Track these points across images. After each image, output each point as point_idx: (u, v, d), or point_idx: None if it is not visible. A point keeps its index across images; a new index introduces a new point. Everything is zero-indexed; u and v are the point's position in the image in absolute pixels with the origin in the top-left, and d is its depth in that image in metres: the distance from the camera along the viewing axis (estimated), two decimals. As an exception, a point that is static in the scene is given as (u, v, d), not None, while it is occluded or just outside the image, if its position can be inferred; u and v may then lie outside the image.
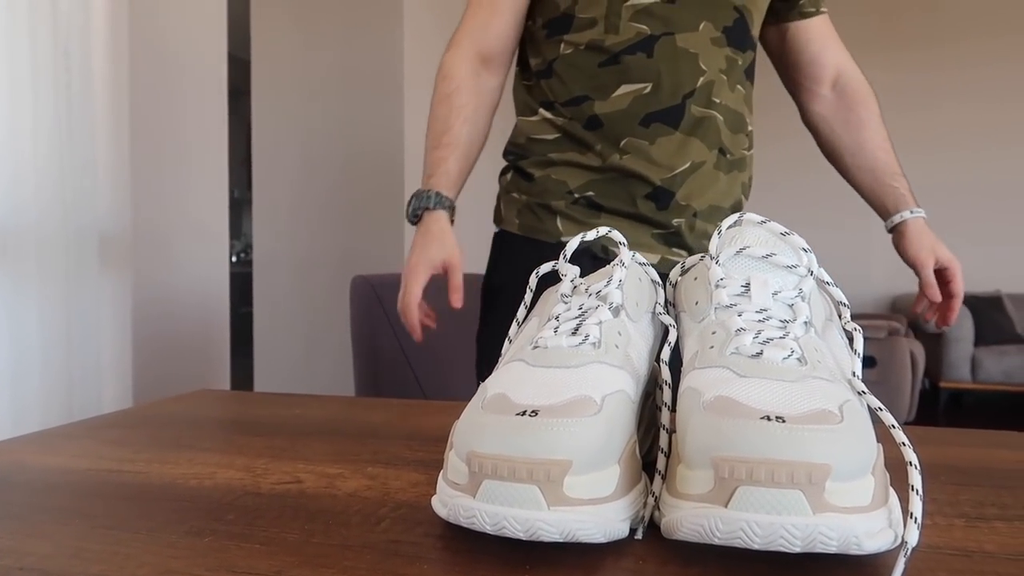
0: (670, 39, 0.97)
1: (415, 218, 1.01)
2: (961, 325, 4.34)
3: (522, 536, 0.33)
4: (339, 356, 2.80)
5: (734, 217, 0.46)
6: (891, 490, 0.36)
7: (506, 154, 1.11)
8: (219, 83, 1.98)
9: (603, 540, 0.34)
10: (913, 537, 0.33)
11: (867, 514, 0.32)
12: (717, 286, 0.43)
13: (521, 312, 0.50)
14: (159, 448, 0.55)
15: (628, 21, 0.97)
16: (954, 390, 4.39)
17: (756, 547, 0.31)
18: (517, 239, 1.07)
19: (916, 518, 0.33)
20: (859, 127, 1.15)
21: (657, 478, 0.39)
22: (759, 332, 0.40)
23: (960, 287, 1.08)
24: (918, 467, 0.35)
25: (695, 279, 0.46)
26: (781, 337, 0.40)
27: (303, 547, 0.36)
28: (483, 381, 0.54)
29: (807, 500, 0.30)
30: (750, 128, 1.09)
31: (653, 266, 0.94)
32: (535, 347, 0.42)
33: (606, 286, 0.45)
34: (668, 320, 0.46)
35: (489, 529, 0.33)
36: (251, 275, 2.99)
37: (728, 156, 1.04)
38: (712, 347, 0.40)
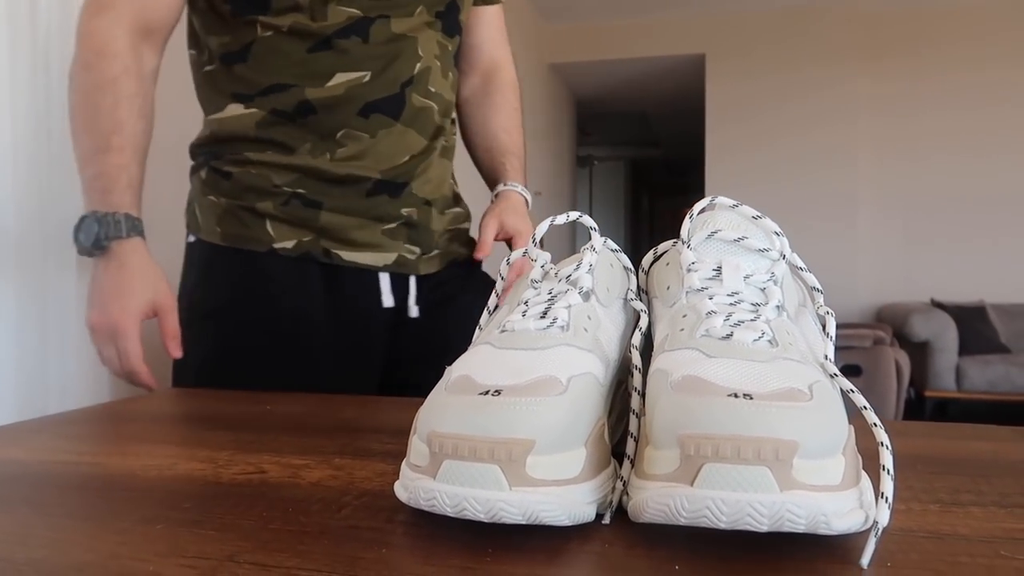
0: (385, 22, 0.88)
1: (99, 249, 0.79)
2: (945, 335, 4.36)
3: (483, 518, 0.32)
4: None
5: (706, 201, 0.45)
6: (864, 473, 0.35)
7: (196, 153, 0.95)
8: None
9: (568, 523, 0.33)
10: (884, 517, 0.32)
11: (837, 493, 0.31)
12: (688, 270, 0.43)
13: (492, 300, 0.50)
14: (120, 442, 0.53)
15: (337, 5, 0.86)
16: (939, 399, 4.41)
17: (723, 526, 0.30)
18: (222, 251, 0.90)
19: (888, 498, 0.32)
20: (493, 110, 1.10)
21: (626, 463, 0.38)
22: (730, 315, 0.39)
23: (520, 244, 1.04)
24: (890, 448, 0.34)
25: (667, 264, 0.45)
26: (752, 319, 0.39)
27: (258, 533, 0.34)
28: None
29: (774, 477, 0.30)
30: (454, 115, 1.04)
31: (389, 267, 0.92)
32: (503, 331, 0.41)
33: (576, 270, 0.44)
34: (640, 306, 0.45)
35: (450, 511, 0.32)
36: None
37: (444, 143, 0.98)
38: (682, 330, 0.39)
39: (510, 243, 1.04)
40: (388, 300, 0.93)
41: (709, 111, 5.35)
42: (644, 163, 9.73)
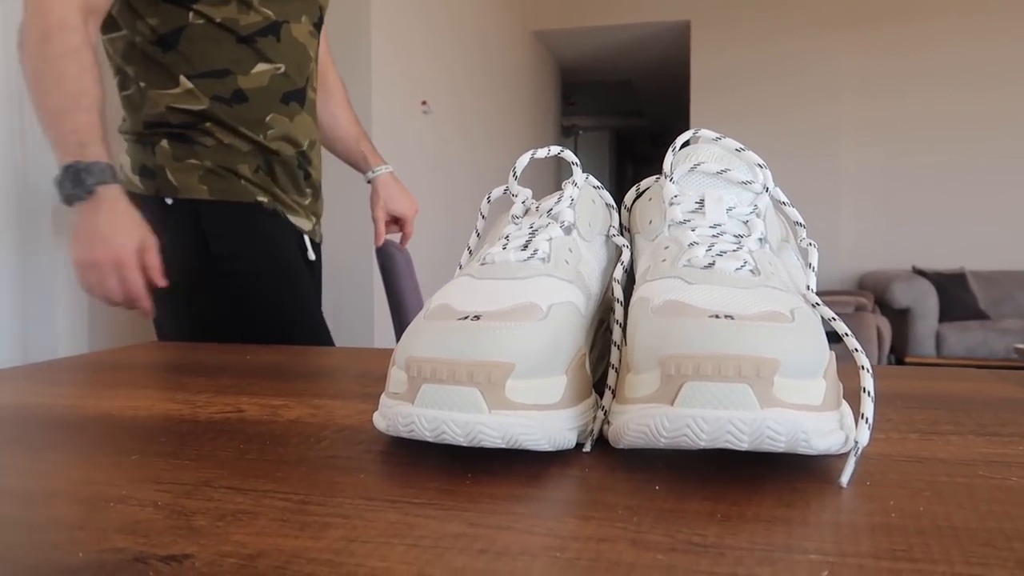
0: (288, 27, 1.06)
1: (87, 193, 0.85)
2: (926, 302, 4.40)
3: (463, 441, 0.31)
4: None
5: (689, 134, 0.44)
6: (844, 401, 0.35)
7: (153, 125, 1.02)
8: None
9: (548, 447, 0.33)
10: (864, 437, 0.32)
11: (817, 413, 0.31)
12: (671, 203, 0.42)
13: (472, 239, 0.49)
14: (98, 387, 0.52)
15: (259, 5, 1.02)
16: (919, 365, 4.46)
17: (703, 445, 0.30)
18: (219, 205, 1.03)
19: (868, 419, 0.32)
20: (337, 107, 1.30)
21: (607, 393, 0.37)
22: (712, 245, 0.39)
23: (409, 230, 1.35)
24: (870, 371, 0.34)
25: (649, 200, 0.45)
26: (735, 250, 0.39)
27: (235, 463, 0.34)
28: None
29: (755, 394, 0.29)
30: None
31: (308, 231, 1.14)
32: (483, 263, 0.40)
33: (557, 204, 0.43)
34: (622, 241, 0.45)
35: (428, 435, 0.32)
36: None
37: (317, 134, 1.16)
38: (664, 260, 0.39)
39: (401, 225, 1.34)
40: (312, 255, 1.15)
41: (694, 79, 5.32)
42: (629, 133, 9.69)
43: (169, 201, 1.02)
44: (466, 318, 0.34)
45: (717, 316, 0.32)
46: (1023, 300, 4.72)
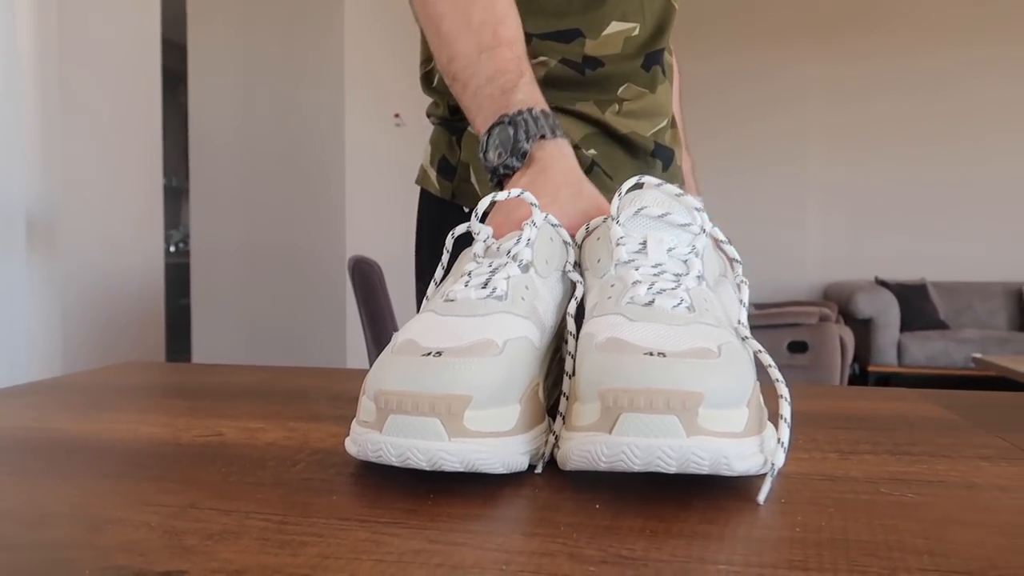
0: None
1: (518, 159, 0.59)
2: (888, 312, 4.52)
3: (425, 466, 0.35)
4: (283, 348, 2.78)
5: (633, 180, 0.49)
6: (769, 424, 0.40)
7: (456, 110, 0.81)
8: (152, 68, 1.95)
9: (503, 471, 0.37)
10: (780, 459, 0.36)
11: (739, 439, 0.35)
12: (617, 244, 0.46)
13: (439, 273, 0.53)
14: (77, 409, 0.55)
15: None
16: (881, 373, 4.58)
17: (636, 468, 0.34)
18: None
19: (783, 443, 0.37)
20: None
21: (559, 419, 0.41)
22: (653, 284, 0.43)
23: None
24: (788, 400, 0.38)
25: (598, 239, 0.49)
26: (673, 288, 0.43)
27: (217, 485, 0.37)
28: None
29: (681, 424, 0.33)
30: None
31: None
32: (446, 300, 0.44)
33: (516, 244, 0.47)
34: (576, 277, 0.49)
35: (395, 461, 0.36)
36: (189, 266, 2.94)
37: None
38: (610, 298, 0.43)
39: None
40: None
41: (664, 92, 5.41)
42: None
43: (467, 210, 0.80)
44: (429, 354, 0.37)
45: (651, 353, 0.36)
46: (982, 310, 4.88)
